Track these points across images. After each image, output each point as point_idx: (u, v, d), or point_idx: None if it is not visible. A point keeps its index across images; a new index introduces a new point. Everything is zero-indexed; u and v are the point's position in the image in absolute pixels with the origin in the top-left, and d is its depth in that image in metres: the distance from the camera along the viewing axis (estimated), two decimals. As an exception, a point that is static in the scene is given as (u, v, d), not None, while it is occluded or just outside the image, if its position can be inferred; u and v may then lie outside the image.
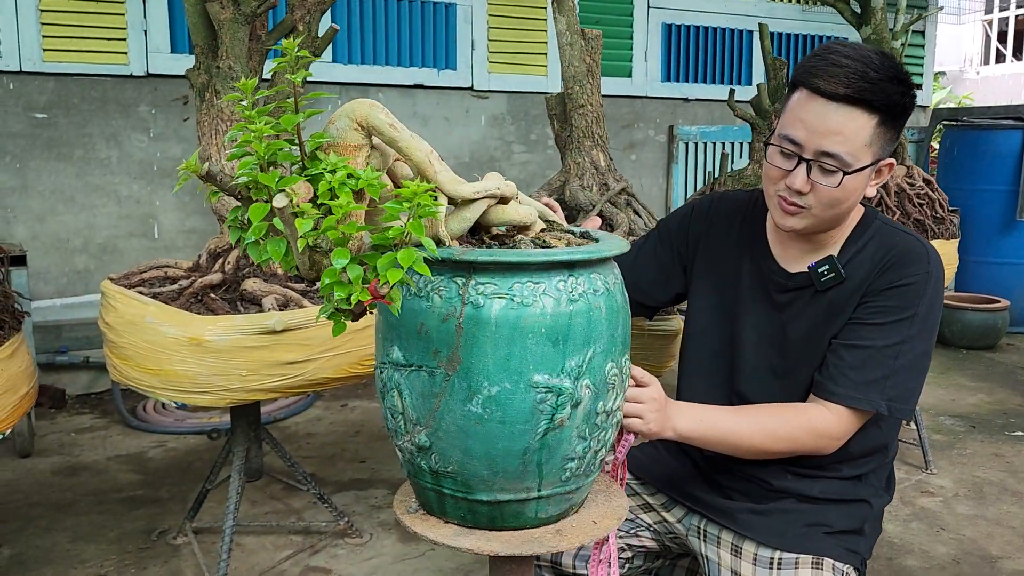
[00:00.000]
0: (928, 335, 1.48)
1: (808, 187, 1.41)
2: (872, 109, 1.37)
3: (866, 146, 1.39)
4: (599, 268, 1.15)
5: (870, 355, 1.46)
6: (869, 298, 1.48)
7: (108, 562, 2.43)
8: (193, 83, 2.22)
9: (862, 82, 1.34)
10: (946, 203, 3.17)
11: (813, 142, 1.38)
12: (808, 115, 1.38)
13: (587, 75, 2.53)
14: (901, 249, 1.49)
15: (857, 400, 1.45)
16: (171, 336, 1.92)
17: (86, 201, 4.01)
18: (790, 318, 1.56)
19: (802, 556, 1.50)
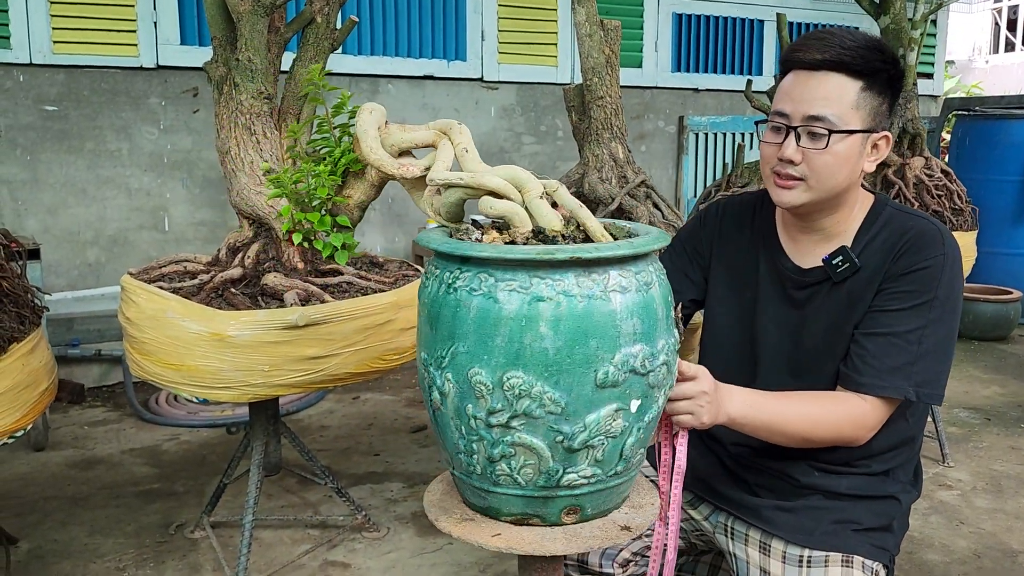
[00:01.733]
0: (950, 318, 1.47)
1: (799, 156, 1.43)
2: (853, 73, 1.41)
3: (853, 109, 1.41)
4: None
5: (891, 342, 1.44)
6: (887, 284, 1.47)
7: (126, 556, 2.43)
8: (211, 76, 2.21)
9: (839, 48, 1.39)
10: (964, 194, 3.15)
11: (800, 110, 1.42)
12: (793, 88, 1.43)
13: (606, 66, 2.51)
14: (915, 233, 1.48)
15: (883, 388, 1.44)
16: (193, 331, 1.91)
17: (97, 194, 4.00)
18: (810, 313, 1.54)
19: (832, 554, 1.49)
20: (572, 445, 1.12)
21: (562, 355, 1.07)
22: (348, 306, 1.98)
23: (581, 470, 1.15)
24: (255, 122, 2.14)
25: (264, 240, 2.15)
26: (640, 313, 1.11)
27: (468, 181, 1.29)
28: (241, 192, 2.14)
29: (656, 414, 1.20)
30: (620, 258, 1.11)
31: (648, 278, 1.14)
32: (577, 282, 1.08)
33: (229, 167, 2.16)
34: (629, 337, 1.10)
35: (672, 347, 1.19)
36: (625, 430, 1.15)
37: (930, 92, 6.34)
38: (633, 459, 1.21)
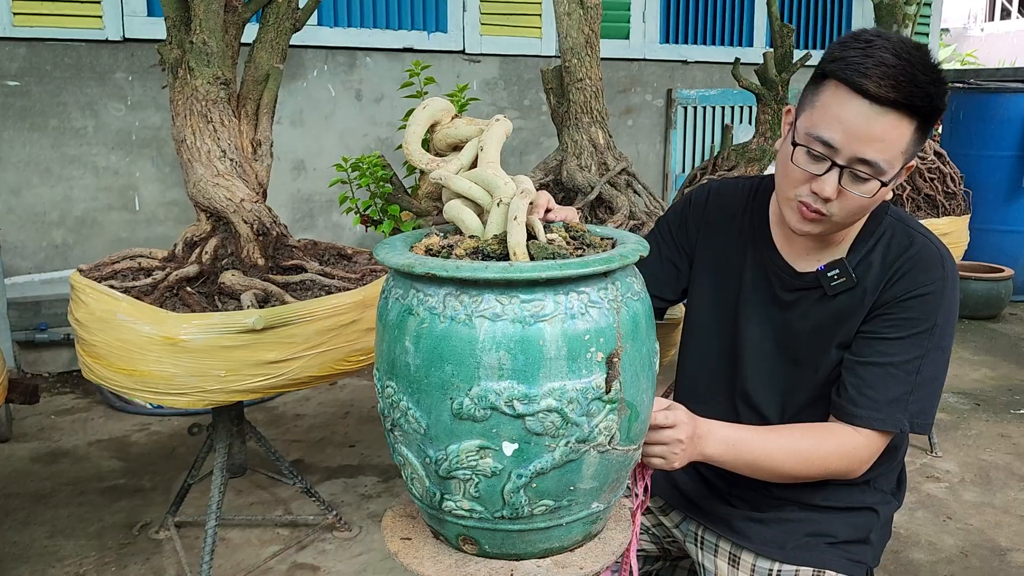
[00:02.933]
0: (947, 344, 1.39)
1: (836, 194, 1.29)
2: (915, 114, 1.25)
3: (902, 153, 1.28)
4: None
5: (889, 372, 1.36)
6: (884, 309, 1.38)
7: (87, 560, 2.34)
8: (165, 58, 2.07)
9: (912, 86, 1.22)
10: (958, 177, 3.05)
11: (850, 147, 1.25)
12: (848, 115, 1.25)
13: (586, 47, 2.38)
14: (915, 254, 1.38)
15: (882, 422, 1.36)
16: (144, 335, 1.81)
17: (62, 173, 3.86)
18: (795, 317, 1.46)
19: (803, 569, 1.43)
20: (439, 471, 1.06)
21: (421, 374, 1.03)
22: (309, 307, 1.87)
23: (458, 501, 1.08)
24: (211, 109, 2.01)
25: (223, 235, 2.04)
26: (511, 347, 0.99)
27: (443, 181, 1.21)
28: (198, 184, 2.02)
29: (560, 465, 1.05)
30: (502, 282, 1.00)
31: (542, 310, 1.00)
32: (444, 301, 1.01)
33: (185, 157, 2.04)
34: (492, 371, 1.00)
35: (581, 397, 1.02)
36: (500, 472, 1.04)
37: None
38: (530, 509, 1.08)
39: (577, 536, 1.17)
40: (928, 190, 2.97)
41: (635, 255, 1.09)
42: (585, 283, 1.03)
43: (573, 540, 1.17)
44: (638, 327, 1.08)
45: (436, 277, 1.01)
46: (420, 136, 1.27)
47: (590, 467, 1.08)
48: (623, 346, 1.05)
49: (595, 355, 1.02)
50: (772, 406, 1.49)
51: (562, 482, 1.07)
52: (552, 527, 1.12)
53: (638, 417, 1.10)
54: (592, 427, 1.04)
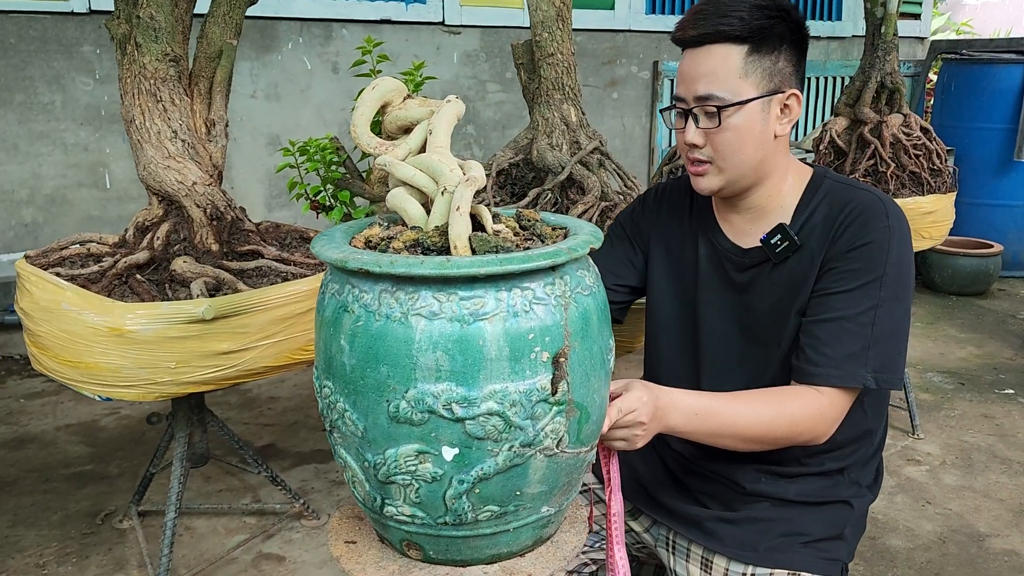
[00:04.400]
0: (902, 295, 1.36)
1: (701, 138, 1.36)
2: (735, 40, 1.31)
3: (741, 79, 1.31)
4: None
5: (843, 327, 1.33)
6: (831, 264, 1.36)
7: (48, 550, 2.29)
8: (113, 34, 1.98)
9: (716, 18, 1.31)
10: (944, 153, 2.97)
11: (689, 91, 1.35)
12: (682, 68, 1.37)
13: (557, 20, 2.29)
14: (856, 206, 1.37)
15: (840, 377, 1.33)
16: (90, 325, 1.73)
17: (30, 149, 3.76)
18: (752, 298, 1.44)
19: (776, 571, 1.38)
20: (378, 476, 1.01)
21: (357, 375, 0.97)
22: (263, 295, 1.80)
23: (399, 506, 1.03)
24: (161, 88, 1.92)
25: (175, 219, 1.96)
26: (448, 348, 0.93)
27: (387, 167, 1.14)
28: (148, 166, 1.94)
29: (504, 471, 0.99)
30: (439, 278, 0.93)
31: (483, 307, 0.94)
32: (380, 298, 0.95)
33: (135, 138, 1.95)
34: (429, 372, 0.94)
35: (525, 400, 0.96)
36: (440, 478, 0.99)
37: (917, 34, 6.10)
38: (475, 515, 1.02)
39: (527, 541, 1.11)
40: (913, 167, 2.89)
41: (585, 247, 1.02)
42: (530, 278, 0.97)
43: (523, 545, 1.11)
44: (589, 324, 1.01)
45: (370, 273, 0.95)
46: (368, 118, 1.20)
47: (537, 471, 1.02)
48: (571, 345, 0.99)
49: (540, 355, 0.96)
50: (740, 388, 1.45)
51: (507, 487, 1.01)
52: (499, 533, 1.06)
53: (589, 418, 1.04)
54: (538, 430, 0.98)
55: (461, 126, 4.64)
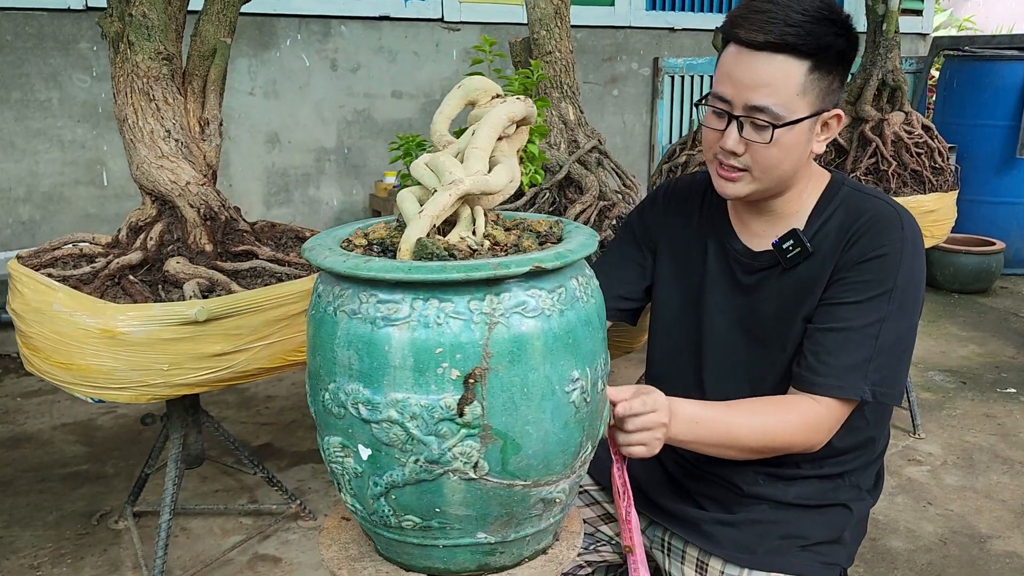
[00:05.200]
0: (910, 309, 1.34)
1: (742, 147, 1.29)
2: (800, 55, 1.24)
3: (799, 96, 1.26)
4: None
5: (849, 337, 1.32)
6: (841, 274, 1.34)
7: (43, 551, 2.28)
8: (106, 32, 1.96)
9: (784, 26, 1.23)
10: (946, 151, 2.95)
11: (741, 97, 1.27)
12: (735, 68, 1.28)
13: (555, 18, 2.27)
14: (872, 216, 1.34)
15: (841, 389, 1.32)
16: (81, 326, 1.72)
17: (27, 147, 3.74)
18: (758, 300, 1.42)
19: (773, 575, 1.36)
20: (326, 460, 1.04)
21: (309, 360, 1.02)
22: (256, 296, 1.78)
23: (343, 493, 1.05)
24: (154, 86, 1.90)
25: (169, 219, 1.94)
26: (359, 348, 0.92)
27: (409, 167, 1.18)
28: (141, 165, 1.92)
29: (414, 483, 0.96)
30: (355, 279, 0.94)
31: (396, 312, 0.91)
32: (324, 291, 0.99)
33: (128, 137, 1.93)
34: (344, 370, 0.94)
35: (427, 415, 0.91)
36: (361, 475, 0.98)
37: (918, 30, 6.06)
38: (398, 521, 1.00)
39: (467, 564, 1.05)
40: (915, 165, 2.87)
41: (523, 266, 0.91)
42: (453, 291, 0.91)
43: (462, 567, 1.05)
44: (525, 350, 0.92)
45: (319, 267, 0.98)
46: (449, 116, 1.18)
47: (455, 493, 0.96)
48: (492, 368, 0.91)
49: (449, 372, 0.90)
50: (743, 391, 1.43)
51: (423, 501, 0.97)
52: (428, 546, 1.02)
53: (519, 451, 0.95)
54: (444, 449, 0.93)
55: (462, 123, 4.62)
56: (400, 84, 4.43)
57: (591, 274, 1.07)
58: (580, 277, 1.02)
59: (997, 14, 9.80)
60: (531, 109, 1.18)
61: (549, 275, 0.96)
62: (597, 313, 1.04)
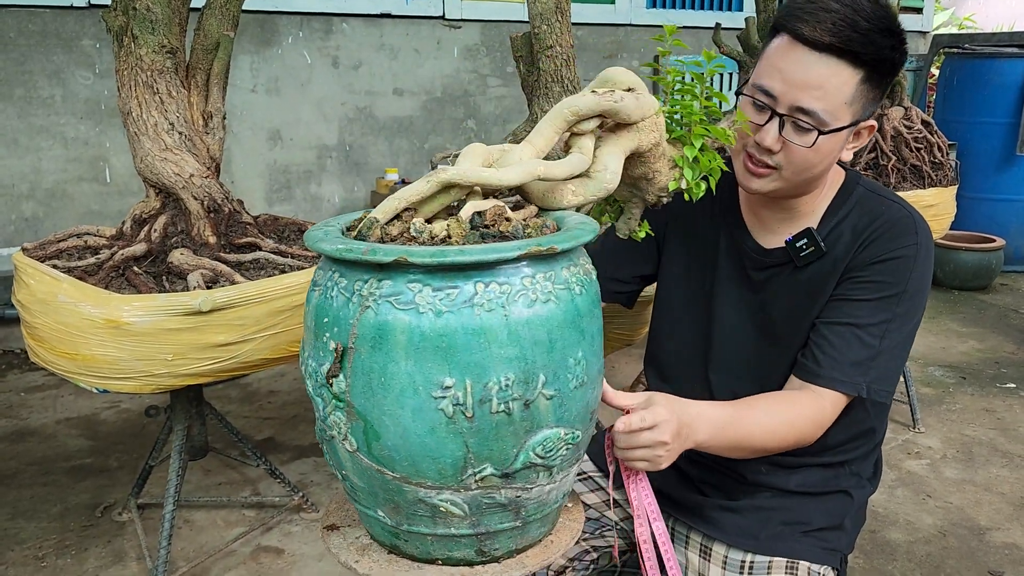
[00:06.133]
0: (916, 313, 1.35)
1: (779, 145, 1.26)
2: (858, 63, 1.22)
3: (846, 104, 1.24)
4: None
5: (855, 333, 1.33)
6: (854, 272, 1.35)
7: (48, 542, 2.29)
8: (110, 25, 1.97)
9: (851, 31, 1.20)
10: (946, 147, 2.96)
11: (789, 95, 1.23)
12: (787, 64, 1.24)
13: (555, 12, 2.28)
14: (887, 220, 1.35)
15: (843, 383, 1.33)
16: (86, 317, 1.73)
17: (30, 144, 3.76)
18: (769, 298, 1.42)
19: (775, 559, 1.38)
20: None
21: None
22: (259, 287, 1.80)
23: None
24: (158, 79, 1.92)
25: (172, 212, 1.96)
26: (304, 310, 1.04)
27: None
28: (145, 158, 1.94)
29: (325, 439, 1.01)
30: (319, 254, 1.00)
31: (315, 279, 1.01)
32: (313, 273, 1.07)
33: (132, 130, 1.95)
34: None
35: (316, 376, 0.96)
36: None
37: (919, 28, 6.07)
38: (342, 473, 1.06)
39: (382, 537, 1.07)
40: (914, 160, 2.88)
41: (387, 256, 0.89)
42: (346, 268, 0.94)
43: (380, 537, 1.08)
44: (386, 339, 0.90)
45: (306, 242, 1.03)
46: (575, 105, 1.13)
47: (346, 460, 0.98)
48: (356, 348, 0.92)
49: (330, 342, 0.94)
50: (750, 388, 1.44)
51: (333, 461, 1.03)
52: (361, 510, 1.08)
53: (379, 438, 0.94)
54: (325, 414, 0.96)
55: (462, 120, 4.64)
56: (401, 81, 4.44)
57: (511, 287, 0.94)
58: (491, 284, 0.92)
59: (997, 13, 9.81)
60: (624, 105, 1.07)
61: (438, 274, 0.91)
62: (507, 328, 0.92)
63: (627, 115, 1.09)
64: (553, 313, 0.95)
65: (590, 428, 1.07)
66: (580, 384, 0.99)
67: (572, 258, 1.01)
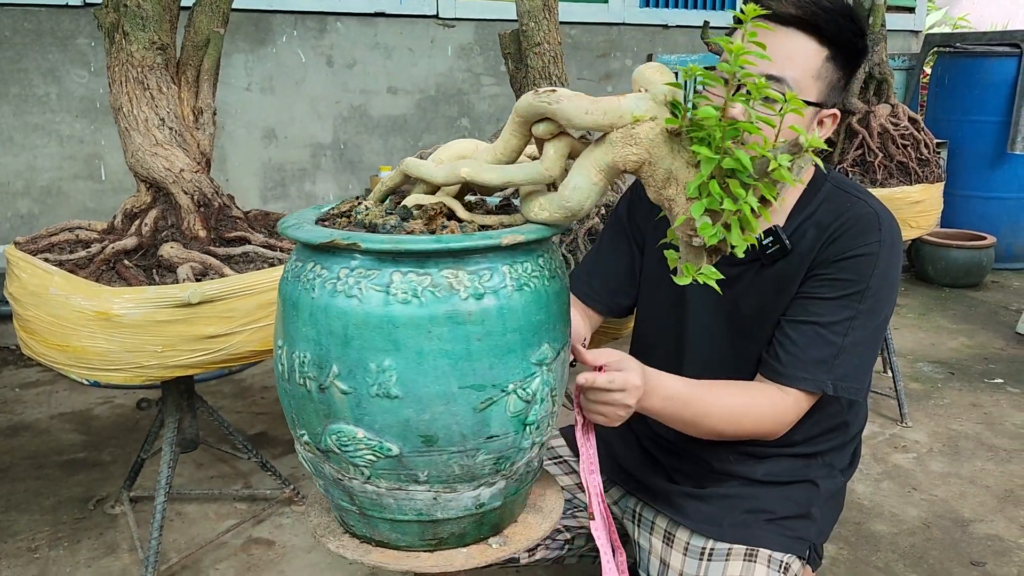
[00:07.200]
0: (881, 309, 1.38)
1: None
2: (822, 39, 1.29)
3: (813, 78, 1.29)
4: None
5: (817, 332, 1.36)
6: (817, 270, 1.37)
7: (40, 534, 2.32)
8: (101, 22, 2.00)
9: (814, 7, 1.28)
10: (932, 143, 2.99)
11: (759, 65, 1.24)
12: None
13: (543, 9, 2.31)
14: (851, 217, 1.37)
15: (805, 381, 1.36)
16: (77, 309, 1.75)
17: (25, 141, 3.78)
18: (739, 294, 1.45)
19: (735, 546, 1.41)
20: None
21: None
22: (248, 280, 1.82)
23: None
24: (148, 75, 1.94)
25: (163, 206, 1.98)
26: None
27: None
28: (136, 153, 1.96)
29: None
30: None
31: None
32: None
33: (123, 125, 1.97)
34: None
35: None
36: None
37: (911, 27, 6.10)
38: None
39: None
40: (901, 157, 2.91)
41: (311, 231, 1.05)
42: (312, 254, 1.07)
43: None
44: None
45: None
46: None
47: None
48: None
49: None
50: None
51: None
52: None
53: None
54: None
55: (456, 119, 4.66)
56: (395, 80, 4.46)
57: (328, 272, 1.01)
58: (316, 266, 1.02)
59: (991, 13, 9.84)
60: (560, 108, 0.97)
61: (306, 251, 1.06)
62: (309, 309, 1.00)
63: (566, 119, 1.00)
64: (353, 310, 0.97)
65: (431, 453, 1.02)
66: (384, 395, 0.97)
67: (400, 264, 0.97)
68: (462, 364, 0.98)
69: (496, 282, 0.99)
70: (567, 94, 1.00)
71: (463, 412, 0.99)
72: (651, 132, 0.98)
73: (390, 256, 0.97)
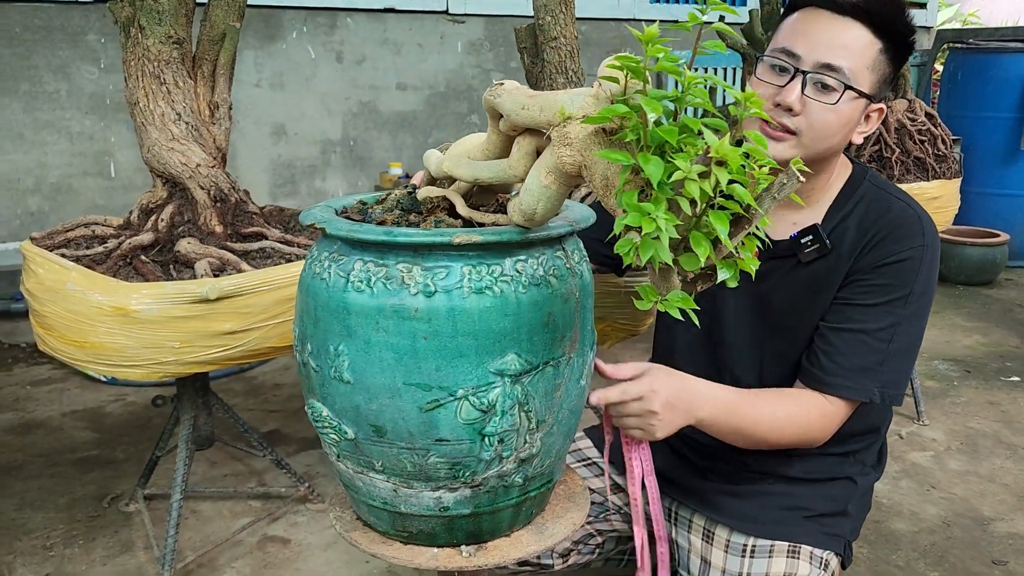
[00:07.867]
0: (923, 313, 1.35)
1: (801, 105, 1.26)
2: (878, 32, 1.26)
3: (867, 70, 1.27)
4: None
5: (862, 340, 1.32)
6: (860, 275, 1.34)
7: (55, 532, 2.30)
8: (117, 17, 1.98)
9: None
10: (949, 139, 2.96)
11: (815, 53, 1.25)
12: (812, 27, 1.27)
13: (560, 3, 2.28)
14: (893, 220, 1.34)
15: (852, 390, 1.32)
16: (95, 305, 1.74)
17: (36, 138, 3.77)
18: (770, 288, 1.41)
19: (777, 543, 1.39)
20: None
21: None
22: (266, 276, 1.80)
23: None
24: (164, 70, 1.93)
25: (179, 201, 1.96)
26: None
27: None
28: (152, 148, 1.94)
29: None
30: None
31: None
32: None
33: (139, 120, 1.96)
34: None
35: None
36: None
37: (923, 23, 6.07)
38: None
39: None
40: (918, 152, 2.88)
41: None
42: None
43: None
44: None
45: None
46: None
47: None
48: None
49: None
50: (751, 378, 1.45)
51: None
52: None
53: None
54: None
55: (465, 115, 4.65)
56: (405, 76, 4.45)
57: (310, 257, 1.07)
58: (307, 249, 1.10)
59: (1002, 9, 9.79)
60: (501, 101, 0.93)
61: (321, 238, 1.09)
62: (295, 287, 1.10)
63: (506, 113, 0.95)
64: (320, 292, 1.02)
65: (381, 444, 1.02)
66: (339, 378, 1.01)
67: (364, 253, 0.98)
68: (407, 360, 0.96)
69: (451, 282, 0.95)
70: (510, 88, 0.96)
71: (408, 409, 0.98)
72: (583, 132, 0.88)
73: (350, 244, 1.00)
